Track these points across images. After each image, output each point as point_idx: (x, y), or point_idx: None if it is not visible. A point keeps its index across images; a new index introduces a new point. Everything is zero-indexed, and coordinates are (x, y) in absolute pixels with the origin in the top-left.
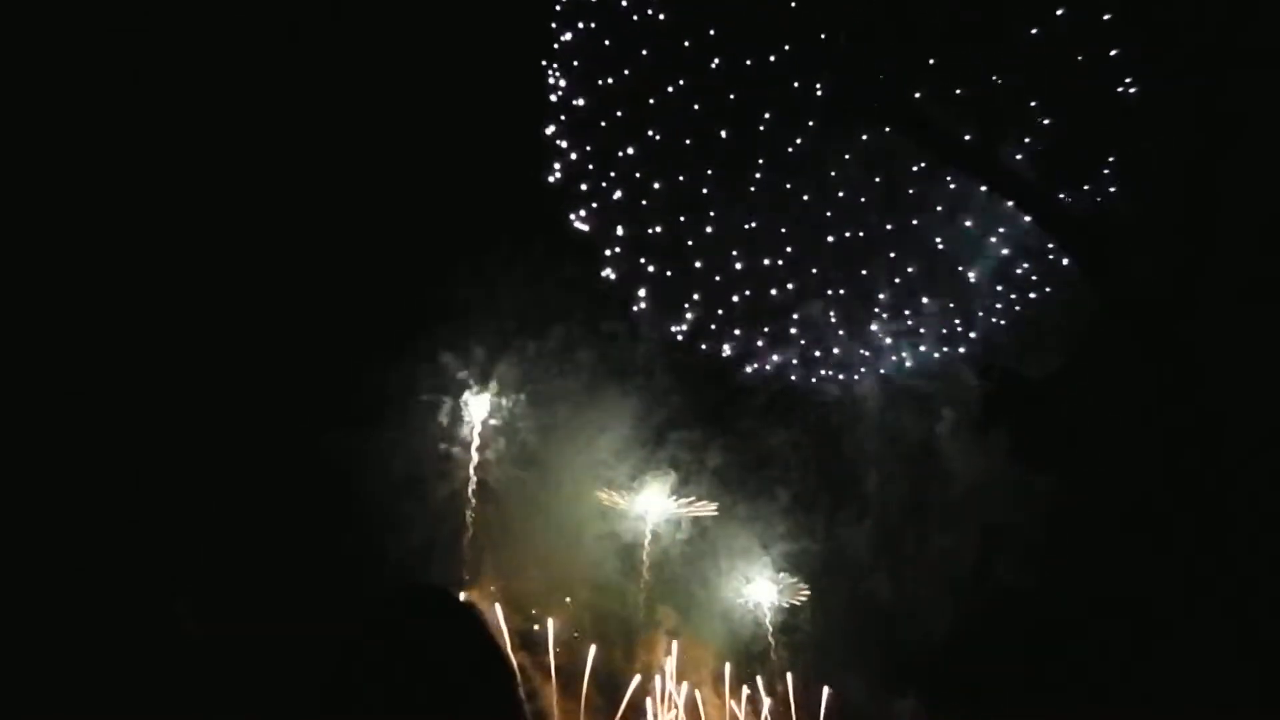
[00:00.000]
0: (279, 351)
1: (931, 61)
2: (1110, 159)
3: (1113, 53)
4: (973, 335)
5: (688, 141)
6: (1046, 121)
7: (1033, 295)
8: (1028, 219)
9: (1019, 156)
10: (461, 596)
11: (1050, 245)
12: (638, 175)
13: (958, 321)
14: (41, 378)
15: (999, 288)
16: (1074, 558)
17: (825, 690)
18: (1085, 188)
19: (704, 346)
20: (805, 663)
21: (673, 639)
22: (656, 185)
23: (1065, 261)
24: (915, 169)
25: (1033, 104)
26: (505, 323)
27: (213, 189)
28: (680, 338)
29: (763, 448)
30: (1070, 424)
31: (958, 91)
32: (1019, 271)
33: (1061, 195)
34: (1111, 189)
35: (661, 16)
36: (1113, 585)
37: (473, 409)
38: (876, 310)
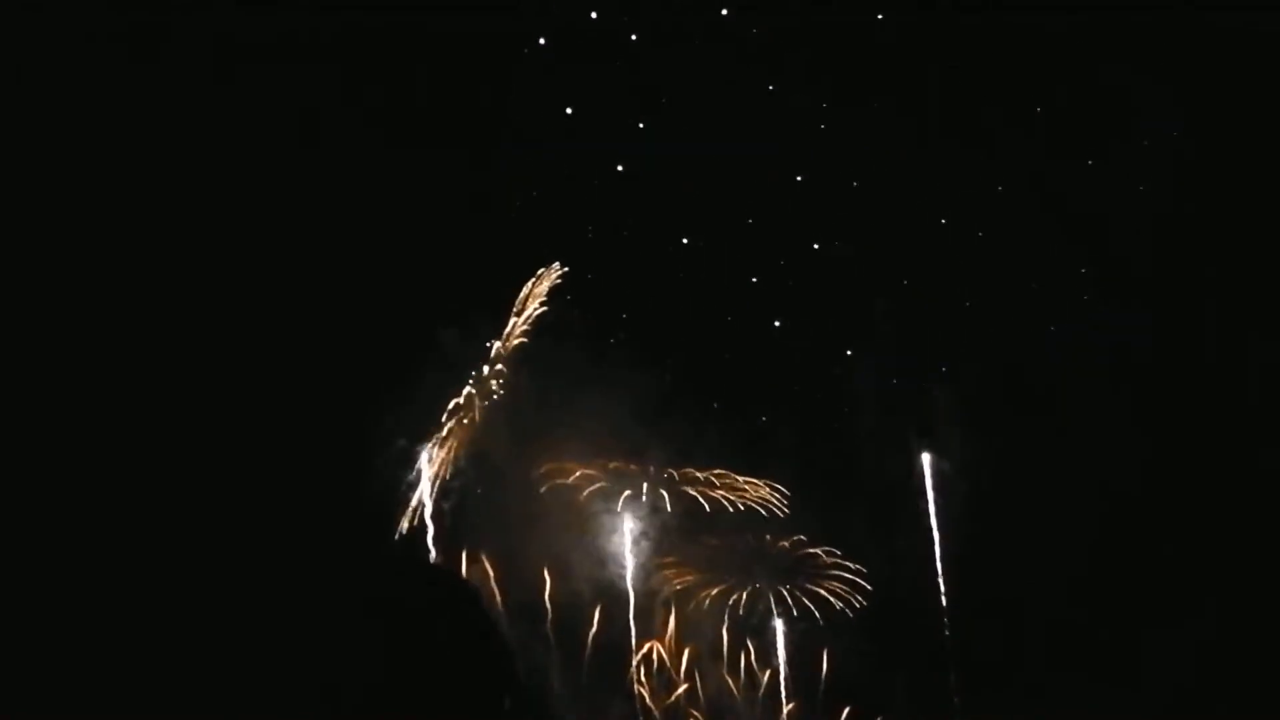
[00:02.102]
0: (277, 346)
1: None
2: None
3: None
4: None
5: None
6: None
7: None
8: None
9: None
10: (461, 569)
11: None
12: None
13: None
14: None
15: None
16: (1065, 540)
17: (824, 662)
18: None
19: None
20: (802, 636)
21: (671, 610)
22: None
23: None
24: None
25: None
26: (506, 294)
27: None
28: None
29: (764, 423)
30: (1065, 408)
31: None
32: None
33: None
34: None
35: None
36: (1099, 568)
37: (473, 385)
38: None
